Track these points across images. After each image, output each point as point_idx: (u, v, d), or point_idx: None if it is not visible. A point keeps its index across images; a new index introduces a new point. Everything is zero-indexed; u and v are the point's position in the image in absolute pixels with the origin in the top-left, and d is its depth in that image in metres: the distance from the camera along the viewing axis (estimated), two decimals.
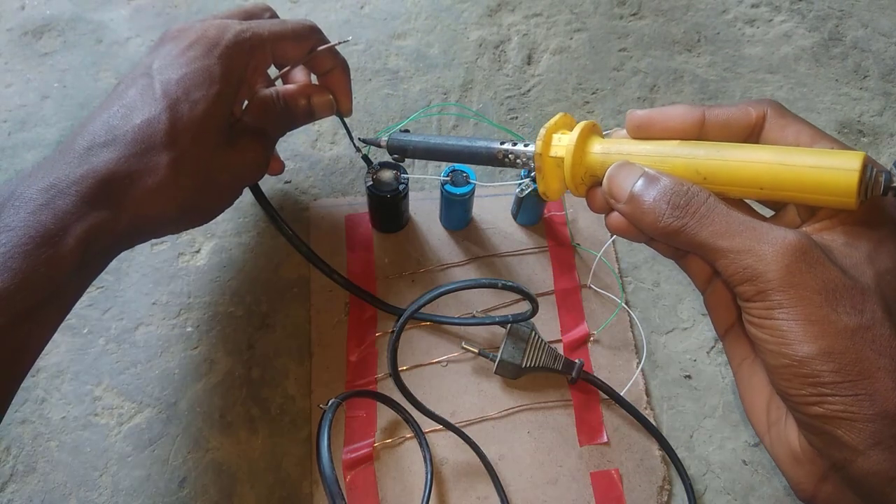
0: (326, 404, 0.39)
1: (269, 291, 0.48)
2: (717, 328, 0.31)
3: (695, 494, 0.42)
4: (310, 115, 0.43)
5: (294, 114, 0.42)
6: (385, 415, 0.43)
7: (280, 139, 0.44)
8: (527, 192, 0.45)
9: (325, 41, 0.42)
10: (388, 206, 0.46)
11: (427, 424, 0.42)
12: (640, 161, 0.29)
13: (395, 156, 0.42)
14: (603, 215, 0.31)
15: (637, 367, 0.45)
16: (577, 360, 0.44)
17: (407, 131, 0.42)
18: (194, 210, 0.37)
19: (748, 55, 0.61)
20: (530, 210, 0.49)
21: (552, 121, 0.32)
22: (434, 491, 0.41)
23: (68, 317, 0.45)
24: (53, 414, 0.43)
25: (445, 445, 0.42)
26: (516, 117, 0.56)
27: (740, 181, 0.27)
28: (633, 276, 0.49)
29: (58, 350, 0.45)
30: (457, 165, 0.45)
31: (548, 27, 0.62)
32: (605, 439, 0.43)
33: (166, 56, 0.36)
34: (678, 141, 0.28)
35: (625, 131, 0.31)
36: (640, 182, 0.27)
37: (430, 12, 0.62)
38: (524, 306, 0.47)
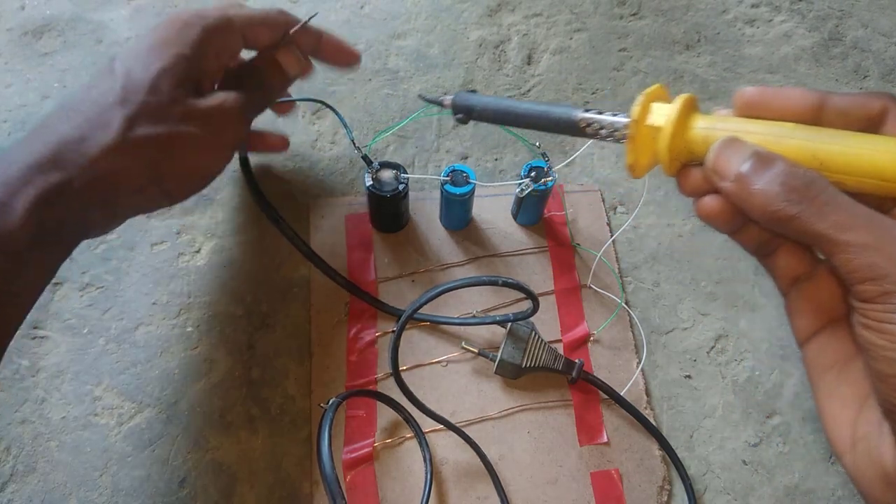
0: (327, 403, 0.39)
1: (269, 291, 0.48)
2: (800, 334, 0.29)
3: (695, 494, 0.42)
4: (282, 75, 0.41)
5: (265, 76, 0.41)
6: (385, 415, 0.43)
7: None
8: (527, 192, 0.45)
9: (296, 22, 0.41)
10: (388, 206, 0.46)
11: (427, 424, 0.42)
12: (750, 139, 0.26)
13: (459, 116, 0.37)
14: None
15: (637, 367, 0.45)
16: (577, 360, 0.44)
17: (474, 91, 0.38)
18: (162, 168, 0.35)
19: (748, 55, 0.61)
20: (530, 210, 0.49)
21: (650, 89, 0.29)
22: (434, 491, 0.41)
23: (68, 317, 0.46)
24: (53, 414, 0.43)
25: (445, 445, 0.42)
26: None
27: (861, 170, 0.25)
28: (633, 276, 0.49)
29: (58, 350, 0.45)
30: (457, 165, 0.45)
31: (548, 27, 0.62)
32: (605, 439, 0.43)
33: (133, 44, 0.36)
34: (792, 123, 0.26)
35: (726, 111, 0.29)
36: (751, 160, 0.25)
37: (430, 12, 0.62)
38: (524, 306, 0.47)
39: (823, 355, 0.28)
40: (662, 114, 0.28)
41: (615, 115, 0.30)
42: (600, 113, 0.31)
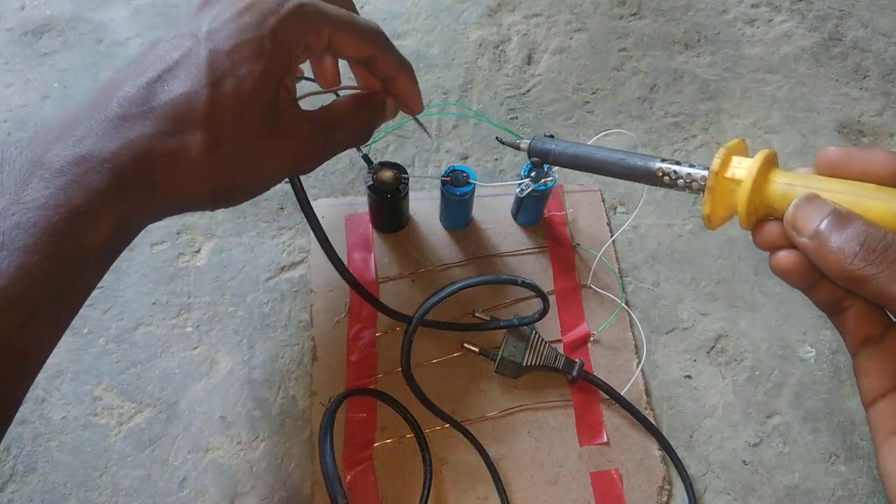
0: (328, 402, 0.39)
1: (269, 291, 0.48)
2: (867, 395, 0.28)
3: (695, 494, 0.42)
4: (381, 117, 0.39)
5: (377, 121, 0.39)
6: (385, 415, 0.43)
7: None
8: (527, 191, 0.45)
9: (390, 50, 0.37)
10: (389, 206, 0.46)
11: (427, 424, 0.42)
12: (830, 198, 0.27)
13: (535, 159, 0.38)
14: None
15: (637, 367, 0.45)
16: (577, 360, 0.44)
17: (552, 136, 0.39)
18: (228, 192, 0.34)
19: (748, 55, 0.61)
20: (530, 210, 0.49)
21: (731, 142, 0.30)
22: (434, 491, 0.41)
23: None
24: (53, 414, 0.43)
25: (445, 445, 0.42)
26: (516, 117, 0.56)
27: None
28: (633, 276, 0.49)
29: (58, 350, 0.45)
30: (457, 165, 0.45)
31: (548, 27, 0.62)
32: (605, 439, 0.43)
33: (217, 18, 0.32)
34: (874, 185, 0.26)
35: (805, 169, 0.29)
36: (830, 217, 0.25)
37: (430, 12, 0.62)
38: (525, 305, 0.47)
39: (890, 418, 0.28)
40: (743, 167, 0.28)
41: (693, 166, 0.31)
42: (678, 163, 0.31)
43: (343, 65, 0.39)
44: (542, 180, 0.45)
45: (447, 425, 0.43)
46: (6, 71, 0.57)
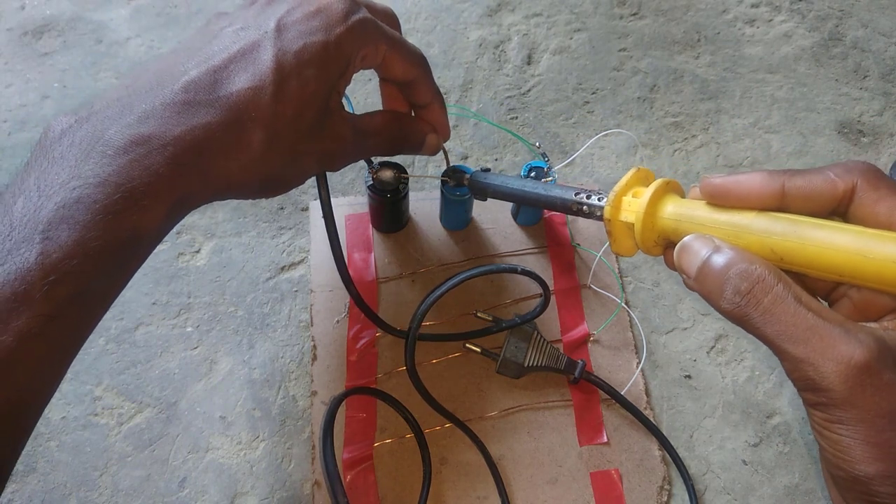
0: (328, 402, 0.39)
1: (269, 291, 0.48)
2: None
3: (696, 494, 0.42)
4: (416, 150, 0.41)
5: (408, 142, 0.40)
6: (385, 415, 0.43)
7: None
8: None
9: (429, 78, 0.39)
10: (389, 206, 0.46)
11: (427, 424, 0.42)
12: (713, 232, 0.27)
13: (476, 196, 0.42)
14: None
15: (637, 367, 0.45)
16: (579, 361, 0.44)
17: (488, 170, 0.42)
18: (274, 183, 0.35)
19: (748, 55, 0.61)
20: (530, 210, 0.49)
21: (623, 181, 0.31)
22: (434, 490, 0.41)
23: None
24: (53, 414, 0.43)
25: (445, 445, 0.42)
26: (516, 117, 0.56)
27: (818, 266, 0.25)
28: (633, 276, 0.49)
29: None
30: (457, 164, 0.45)
31: (548, 27, 0.62)
32: (605, 439, 0.43)
33: (287, 17, 0.33)
34: (755, 212, 0.27)
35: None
36: (708, 259, 0.26)
37: (430, 12, 0.62)
38: (525, 305, 0.47)
39: None
40: (632, 210, 0.30)
41: (601, 199, 0.33)
42: (589, 197, 0.33)
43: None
44: (543, 180, 0.45)
45: (448, 425, 0.43)
46: (6, 71, 0.57)
